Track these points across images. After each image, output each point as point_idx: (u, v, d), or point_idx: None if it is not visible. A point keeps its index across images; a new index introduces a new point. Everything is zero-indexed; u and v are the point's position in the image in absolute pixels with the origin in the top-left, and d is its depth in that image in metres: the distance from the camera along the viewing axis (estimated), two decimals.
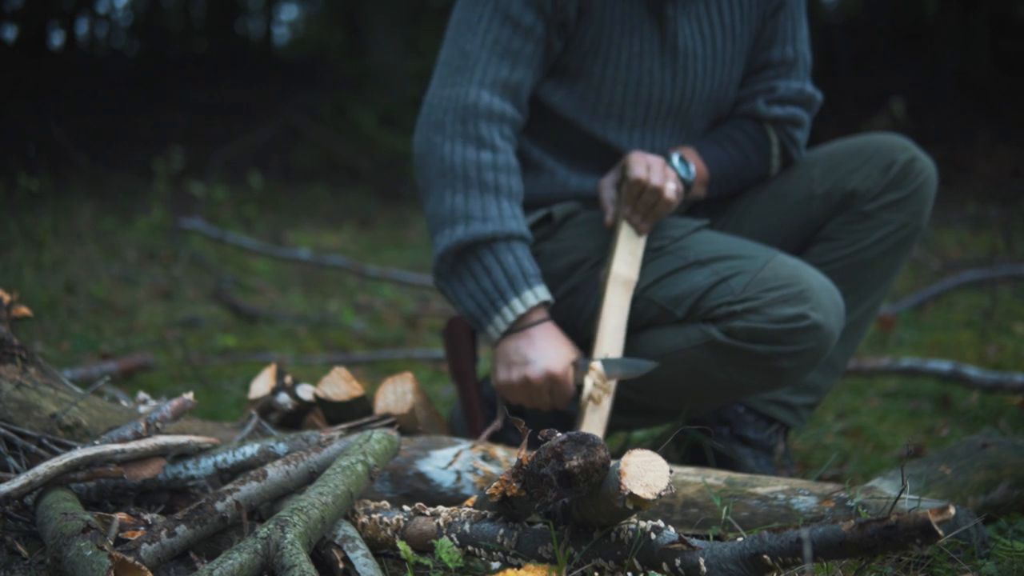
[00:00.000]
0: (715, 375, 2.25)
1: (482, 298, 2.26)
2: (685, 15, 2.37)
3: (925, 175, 2.42)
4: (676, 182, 2.31)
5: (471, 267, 2.26)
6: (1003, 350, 3.85)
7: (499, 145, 2.27)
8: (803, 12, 2.52)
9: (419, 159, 2.33)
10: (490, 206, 2.25)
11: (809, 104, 2.52)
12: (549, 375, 2.23)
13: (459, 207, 2.25)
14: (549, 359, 2.23)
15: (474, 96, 2.26)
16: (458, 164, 2.25)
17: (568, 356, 2.25)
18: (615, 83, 2.37)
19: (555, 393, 2.26)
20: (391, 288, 5.68)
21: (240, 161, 9.78)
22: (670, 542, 1.55)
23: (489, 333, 2.28)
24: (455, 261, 2.27)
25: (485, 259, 2.25)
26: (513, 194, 2.28)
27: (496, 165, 2.26)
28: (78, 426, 2.00)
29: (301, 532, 1.58)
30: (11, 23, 15.08)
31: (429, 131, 2.30)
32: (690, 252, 2.28)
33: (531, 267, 2.26)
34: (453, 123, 2.26)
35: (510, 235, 2.25)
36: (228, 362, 3.91)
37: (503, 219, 2.25)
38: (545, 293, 2.26)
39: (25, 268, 4.49)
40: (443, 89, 2.30)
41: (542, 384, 2.24)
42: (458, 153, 2.25)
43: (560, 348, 2.25)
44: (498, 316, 2.25)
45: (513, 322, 2.25)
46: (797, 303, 2.17)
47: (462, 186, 2.25)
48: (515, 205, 2.28)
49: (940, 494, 1.95)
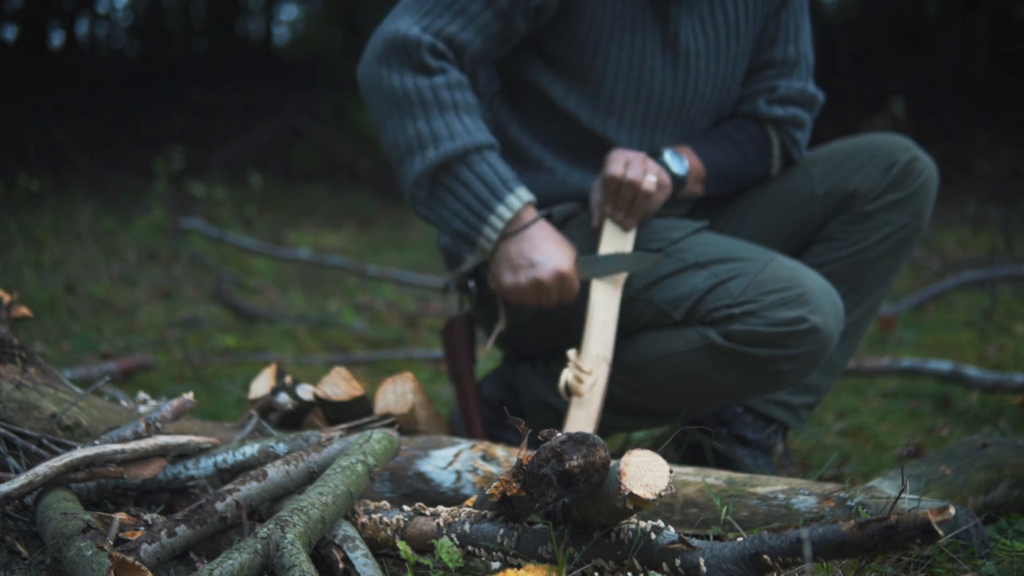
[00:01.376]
0: (714, 378, 2.25)
1: (467, 213, 2.26)
2: (688, 15, 2.37)
3: (926, 175, 2.42)
4: (659, 174, 2.31)
5: (449, 186, 2.26)
6: (1003, 350, 3.85)
7: (447, 67, 2.27)
8: (806, 11, 2.52)
9: (366, 92, 2.32)
10: (454, 123, 2.25)
11: (810, 104, 2.51)
12: (559, 274, 2.24)
13: (423, 130, 2.25)
14: (555, 258, 2.24)
15: (416, 34, 2.25)
16: (411, 90, 2.25)
17: (570, 252, 2.27)
18: (616, 80, 2.37)
19: (563, 291, 2.27)
20: (391, 288, 5.68)
21: (240, 161, 9.77)
22: (670, 542, 1.55)
23: (482, 244, 2.27)
24: (432, 183, 2.27)
25: (462, 175, 2.25)
26: (471, 107, 2.28)
27: (450, 83, 2.26)
28: (78, 426, 2.00)
29: (301, 532, 1.58)
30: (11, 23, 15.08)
31: (373, 64, 2.29)
32: (689, 254, 2.28)
33: (507, 172, 2.27)
34: (397, 55, 2.26)
35: (479, 146, 2.25)
36: (228, 362, 3.91)
37: (469, 132, 2.25)
38: (527, 194, 2.27)
39: (25, 268, 4.49)
40: (389, 24, 2.30)
41: (552, 284, 2.25)
42: (408, 80, 2.25)
43: (561, 245, 2.27)
44: (487, 226, 2.25)
45: (503, 228, 2.25)
46: (796, 306, 2.17)
47: (421, 110, 2.25)
48: (476, 118, 2.28)
49: (940, 494, 1.95)
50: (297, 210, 8.89)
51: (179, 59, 15.45)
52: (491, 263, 2.31)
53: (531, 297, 2.29)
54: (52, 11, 15.62)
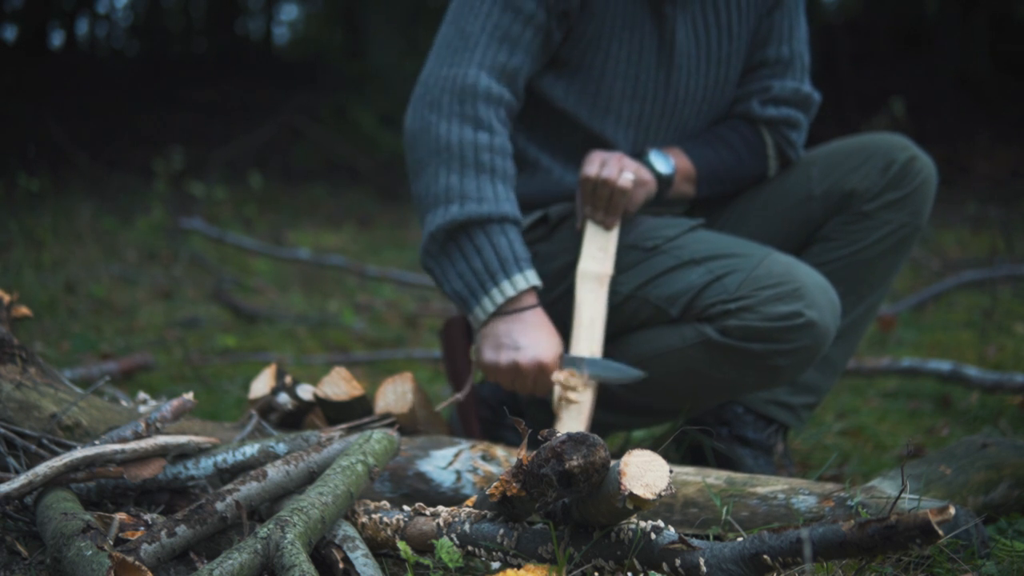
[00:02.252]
0: (711, 374, 2.25)
1: (471, 278, 2.24)
2: (683, 15, 2.37)
3: (925, 174, 2.42)
4: (637, 172, 2.31)
5: (462, 247, 2.24)
6: (1003, 350, 3.85)
7: (496, 127, 2.26)
8: (800, 11, 2.51)
9: (411, 136, 2.30)
10: (485, 187, 2.23)
11: (805, 104, 2.51)
12: (539, 364, 2.22)
13: (454, 186, 2.23)
14: (540, 348, 2.22)
15: (473, 77, 2.25)
16: (455, 143, 2.24)
17: (557, 347, 2.25)
18: (615, 78, 2.37)
19: (539, 382, 2.25)
20: (391, 288, 5.68)
21: (240, 161, 9.78)
22: (670, 542, 1.55)
23: (476, 314, 2.26)
24: (446, 240, 2.25)
25: (477, 239, 2.23)
26: (508, 177, 2.27)
27: (493, 147, 2.25)
28: (78, 426, 2.00)
29: (301, 532, 1.58)
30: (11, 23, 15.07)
31: (424, 109, 2.28)
32: (684, 251, 2.28)
33: (523, 251, 2.25)
34: (450, 103, 2.25)
35: (504, 217, 2.24)
36: (228, 362, 3.91)
37: (498, 201, 2.24)
38: (535, 278, 2.25)
39: (25, 268, 4.49)
40: (440, 68, 2.29)
41: (529, 371, 2.23)
42: (455, 132, 2.24)
43: (551, 338, 2.25)
44: (486, 297, 2.23)
45: (502, 304, 2.23)
46: (791, 301, 2.17)
47: (458, 165, 2.23)
48: (509, 188, 2.27)
49: (940, 494, 1.95)
50: (297, 210, 8.89)
51: (179, 59, 15.45)
52: (478, 335, 2.29)
53: (506, 379, 2.27)
54: (52, 11, 15.62)
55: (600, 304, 2.29)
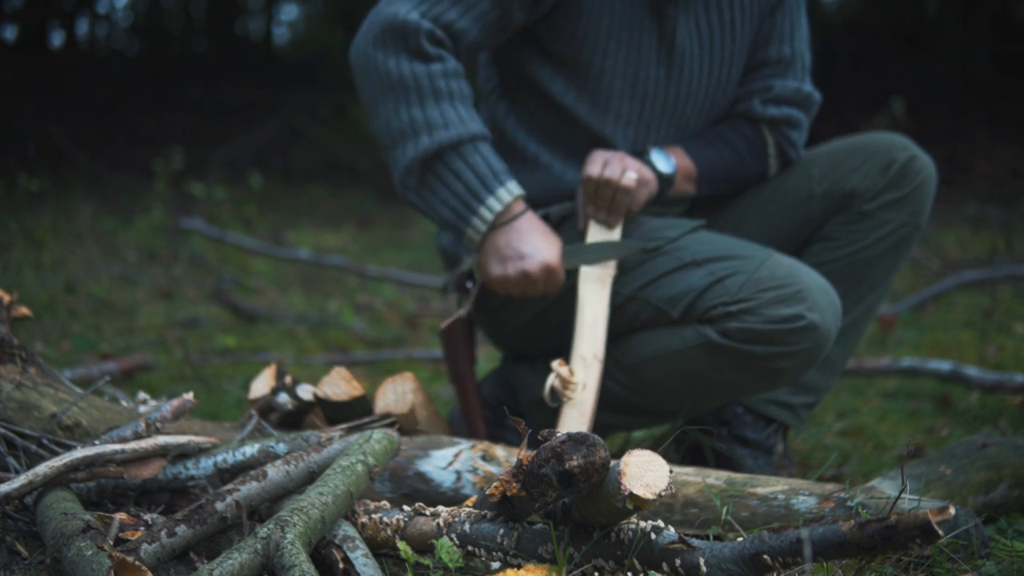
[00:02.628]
0: (712, 376, 2.25)
1: (456, 203, 2.26)
2: (685, 14, 2.37)
3: (925, 174, 2.42)
4: (639, 171, 2.32)
5: (440, 174, 2.25)
6: (1003, 350, 3.85)
7: (443, 54, 2.26)
8: (802, 11, 2.51)
9: (360, 74, 2.30)
10: (448, 111, 2.24)
11: (806, 104, 2.51)
12: (546, 266, 2.25)
13: (417, 117, 2.24)
14: (543, 251, 2.25)
15: (415, 19, 2.24)
16: (407, 76, 2.24)
17: (557, 244, 2.28)
18: (614, 77, 2.37)
19: (549, 282, 2.28)
20: (391, 288, 5.68)
21: (240, 161, 9.77)
22: (670, 542, 1.55)
23: (469, 235, 2.27)
24: (423, 171, 2.26)
25: (454, 164, 2.25)
26: (466, 96, 2.28)
27: (447, 72, 2.25)
28: (78, 426, 2.00)
29: (301, 532, 1.58)
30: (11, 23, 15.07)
31: (368, 46, 2.27)
32: (686, 252, 2.28)
33: (499, 164, 2.27)
34: (394, 39, 2.25)
35: (474, 136, 2.25)
36: (228, 362, 3.91)
37: (463, 122, 2.25)
38: (517, 187, 2.27)
39: (25, 268, 4.49)
40: (386, 7, 2.28)
41: (539, 276, 2.26)
42: (405, 66, 2.24)
43: (549, 237, 2.27)
44: (475, 217, 2.25)
45: (493, 219, 2.25)
46: (793, 303, 2.17)
47: (416, 97, 2.24)
48: (470, 107, 2.28)
49: (940, 494, 1.95)
50: (297, 210, 8.89)
51: (179, 59, 15.44)
52: (478, 253, 2.31)
53: (517, 288, 2.29)
54: (52, 11, 15.61)
55: (603, 304, 2.29)
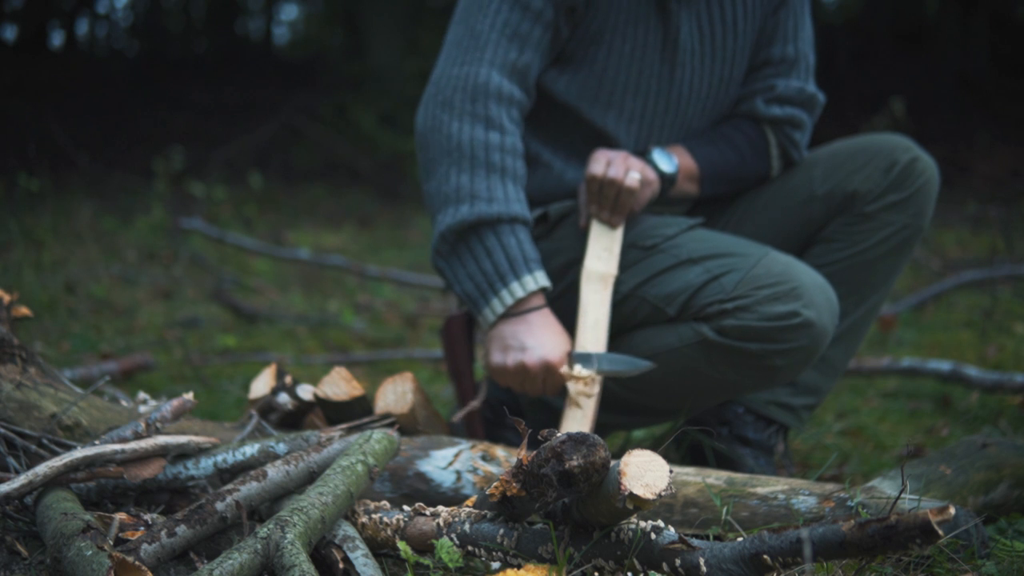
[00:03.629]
0: (708, 374, 2.25)
1: (481, 279, 2.25)
2: (688, 11, 2.37)
3: (927, 176, 2.42)
4: (642, 171, 2.31)
5: (472, 247, 2.25)
6: (1003, 350, 3.85)
7: (507, 127, 2.27)
8: (806, 11, 2.51)
9: (423, 136, 2.31)
10: (496, 187, 2.24)
11: (809, 104, 2.51)
12: (545, 364, 2.22)
13: (464, 186, 2.23)
14: (546, 347, 2.22)
15: (484, 76, 2.26)
16: (466, 143, 2.24)
17: (564, 346, 2.25)
18: (617, 72, 2.37)
19: (548, 382, 2.26)
20: (391, 288, 5.68)
21: (240, 161, 9.77)
22: (670, 542, 1.55)
23: (485, 316, 2.27)
24: (456, 240, 2.26)
25: (487, 240, 2.23)
26: (518, 177, 2.27)
27: (504, 146, 2.25)
28: (78, 426, 2.00)
29: (301, 532, 1.58)
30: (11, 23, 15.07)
31: (436, 108, 2.29)
32: (682, 250, 2.28)
33: (532, 252, 2.26)
34: (462, 102, 2.26)
35: (514, 218, 2.24)
36: (228, 362, 3.91)
37: (508, 201, 2.24)
38: (545, 279, 2.25)
39: (25, 268, 4.49)
40: (452, 68, 2.30)
41: (537, 372, 2.23)
42: (466, 132, 2.25)
43: (557, 336, 2.25)
44: (496, 299, 2.24)
45: (511, 306, 2.24)
46: (789, 300, 2.17)
47: (468, 165, 2.24)
48: (520, 189, 2.27)
49: (940, 494, 1.95)
50: (297, 210, 8.89)
51: (179, 59, 15.44)
52: (486, 338, 2.30)
53: (514, 381, 2.27)
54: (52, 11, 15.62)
55: (605, 305, 2.29)
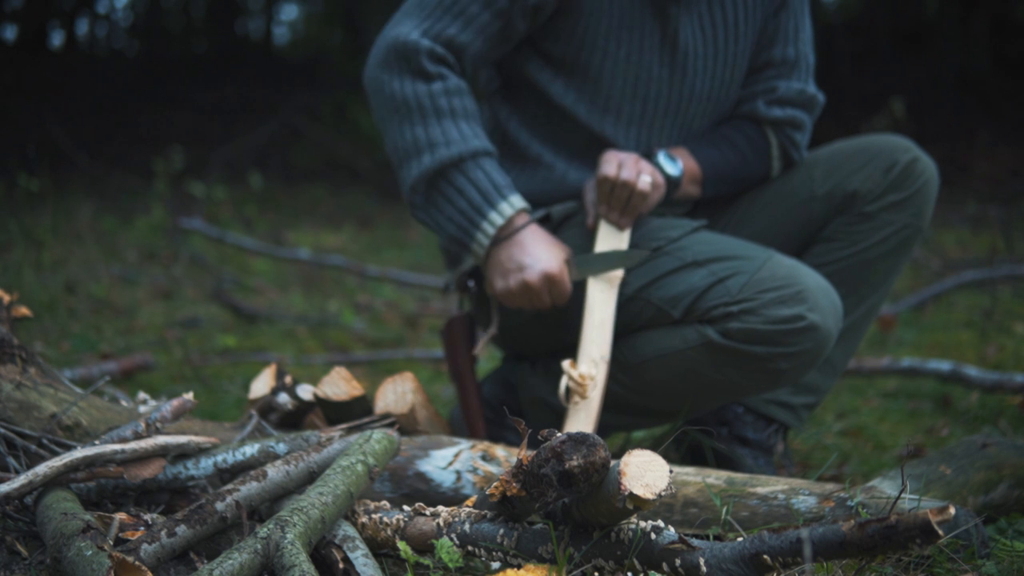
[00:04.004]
0: (712, 376, 2.25)
1: (460, 219, 2.29)
2: (687, 13, 2.37)
3: (927, 176, 2.42)
4: (653, 174, 2.32)
5: (444, 191, 2.29)
6: (1003, 350, 3.85)
7: (445, 73, 2.30)
8: (806, 13, 2.52)
9: (371, 96, 2.37)
10: (450, 129, 2.28)
11: (810, 105, 2.51)
12: (546, 276, 2.26)
13: (420, 137, 2.29)
14: (543, 260, 2.26)
15: (415, 37, 2.30)
16: (410, 96, 2.29)
17: (560, 254, 2.29)
18: (614, 77, 2.37)
19: (554, 292, 2.29)
20: (391, 288, 5.68)
21: (240, 161, 9.77)
22: (670, 542, 1.55)
23: (475, 250, 2.30)
24: (427, 189, 2.30)
25: (456, 181, 2.28)
26: (469, 113, 2.31)
27: (448, 90, 2.29)
28: (78, 426, 2.00)
29: (301, 532, 1.58)
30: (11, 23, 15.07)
31: (375, 69, 2.34)
32: (687, 253, 2.28)
33: (501, 179, 2.29)
34: (398, 60, 2.30)
35: (475, 152, 2.29)
36: (228, 362, 3.91)
37: (465, 139, 2.28)
38: (520, 201, 2.29)
39: (25, 268, 4.49)
40: (390, 29, 2.35)
41: (541, 286, 2.27)
42: (408, 87, 2.29)
43: (551, 247, 2.28)
44: (479, 232, 2.28)
45: (495, 234, 2.27)
46: (794, 304, 2.17)
47: (419, 116, 2.29)
48: (473, 124, 2.31)
49: (940, 494, 1.95)
50: (297, 210, 8.89)
51: (179, 59, 15.44)
52: (484, 269, 2.33)
53: (522, 300, 2.30)
54: (52, 11, 15.61)
55: (610, 306, 2.30)
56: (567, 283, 2.29)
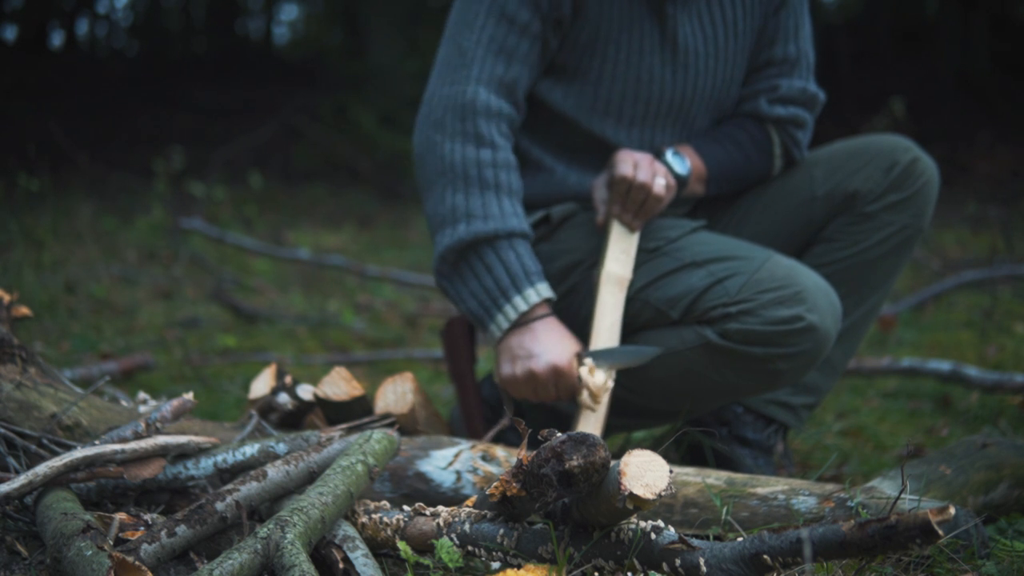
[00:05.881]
0: (711, 377, 2.25)
1: (484, 297, 2.26)
2: (686, 13, 2.37)
3: (927, 176, 2.42)
4: (666, 176, 2.31)
5: (473, 266, 2.26)
6: (1003, 350, 3.85)
7: (498, 142, 2.28)
8: (806, 10, 2.52)
9: (419, 158, 2.33)
10: (491, 204, 2.25)
11: (811, 103, 2.51)
12: (554, 368, 2.23)
13: (460, 205, 2.25)
14: (553, 352, 2.23)
15: (471, 93, 2.27)
16: (458, 162, 2.26)
17: (571, 348, 2.25)
18: (614, 80, 2.37)
19: (560, 386, 2.26)
20: (391, 288, 5.68)
21: (240, 161, 9.78)
22: (670, 542, 1.55)
23: (491, 331, 2.27)
24: (456, 260, 2.27)
25: (487, 257, 2.25)
26: (513, 191, 2.28)
27: (496, 162, 2.27)
28: (78, 426, 2.00)
29: (301, 532, 1.58)
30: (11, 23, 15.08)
31: (428, 129, 2.31)
32: (686, 253, 2.28)
33: (533, 264, 2.26)
34: (452, 121, 2.27)
35: (511, 232, 2.25)
36: (228, 362, 3.91)
37: (504, 216, 2.25)
38: (547, 290, 2.26)
39: (25, 268, 4.49)
40: (441, 87, 2.31)
41: (547, 378, 2.24)
42: (458, 151, 2.26)
43: (563, 341, 2.25)
44: (500, 314, 2.25)
45: (515, 319, 2.24)
46: (793, 304, 2.17)
47: (462, 184, 2.25)
48: (515, 202, 2.28)
49: (940, 494, 1.95)
50: (297, 210, 8.89)
51: (179, 59, 15.45)
52: (496, 353, 2.31)
53: (527, 390, 2.28)
54: (52, 11, 15.63)
55: (619, 308, 2.29)
56: (574, 377, 2.24)
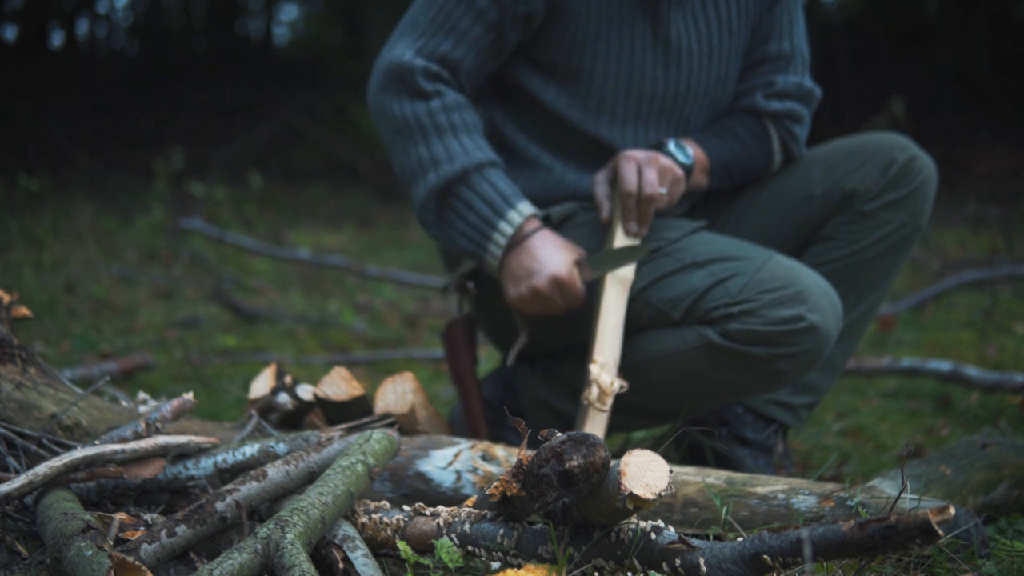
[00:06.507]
0: (712, 377, 2.25)
1: (472, 232, 2.30)
2: (680, 10, 2.37)
3: (925, 174, 2.41)
4: (671, 169, 2.29)
5: (453, 207, 2.31)
6: (1003, 350, 3.85)
7: (441, 89, 2.32)
8: (800, 7, 2.52)
9: (375, 119, 2.40)
10: (452, 145, 2.30)
11: (808, 99, 2.51)
12: (555, 279, 2.25)
13: (424, 155, 2.30)
14: (551, 264, 2.25)
15: (409, 58, 2.32)
16: (410, 117, 2.31)
17: (569, 257, 2.27)
18: (606, 78, 2.37)
19: (565, 295, 2.28)
20: (391, 288, 5.68)
21: (240, 161, 9.77)
22: (670, 542, 1.55)
23: (489, 262, 2.31)
24: (437, 206, 2.32)
25: (463, 195, 2.29)
26: (470, 126, 2.32)
27: (446, 106, 2.31)
28: (78, 426, 2.00)
29: (301, 532, 1.58)
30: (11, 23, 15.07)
31: (376, 93, 2.37)
32: (687, 254, 2.28)
33: (507, 187, 2.30)
34: (395, 83, 2.33)
35: (479, 165, 2.30)
36: (228, 362, 3.91)
37: (467, 152, 2.30)
38: (528, 207, 2.29)
39: (25, 268, 4.49)
40: (386, 51, 2.37)
41: (551, 291, 2.26)
42: (407, 108, 2.31)
43: (560, 251, 2.27)
44: (491, 243, 2.29)
45: (506, 243, 2.28)
46: (794, 304, 2.17)
47: (420, 136, 2.31)
48: (475, 136, 2.32)
49: (940, 494, 1.95)
50: (297, 210, 8.89)
51: (179, 59, 15.44)
52: (500, 280, 2.33)
53: (536, 306, 2.30)
54: (52, 11, 15.62)
55: (623, 310, 2.29)
56: (577, 285, 2.27)
